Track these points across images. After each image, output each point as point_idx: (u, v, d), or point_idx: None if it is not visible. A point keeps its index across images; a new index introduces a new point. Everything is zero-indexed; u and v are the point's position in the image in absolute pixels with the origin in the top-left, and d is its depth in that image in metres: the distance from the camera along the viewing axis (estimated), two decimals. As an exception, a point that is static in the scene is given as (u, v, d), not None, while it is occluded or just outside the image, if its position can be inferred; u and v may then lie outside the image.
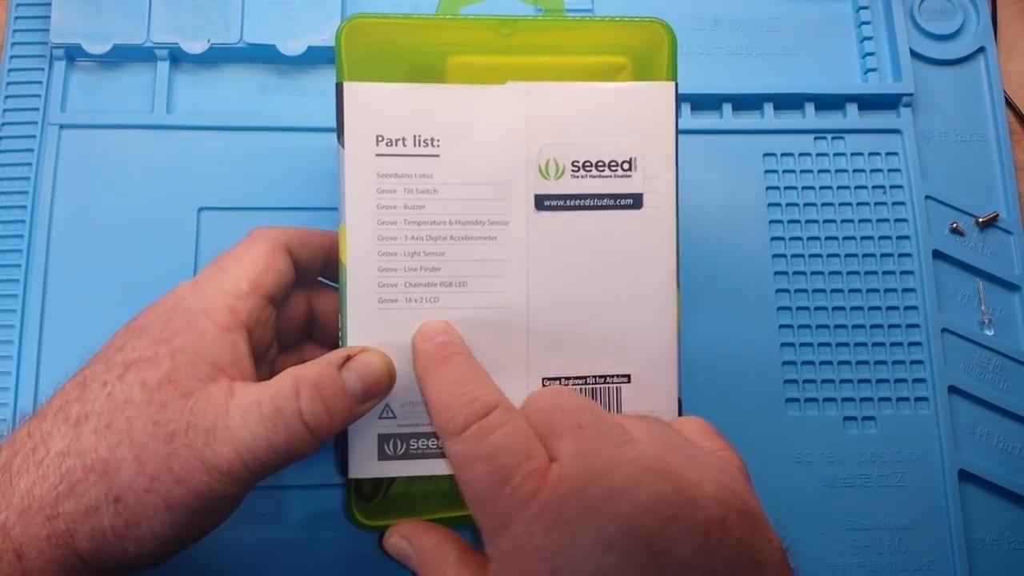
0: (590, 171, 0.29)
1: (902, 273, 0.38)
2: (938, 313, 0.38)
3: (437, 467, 0.29)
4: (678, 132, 0.29)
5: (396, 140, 0.28)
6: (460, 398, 0.24)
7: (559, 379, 0.29)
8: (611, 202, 0.29)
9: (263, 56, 0.39)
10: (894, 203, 0.39)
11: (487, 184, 0.28)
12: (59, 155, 0.38)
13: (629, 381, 0.29)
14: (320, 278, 0.32)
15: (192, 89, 0.39)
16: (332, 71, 0.41)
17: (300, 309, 0.31)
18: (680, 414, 0.30)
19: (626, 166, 0.29)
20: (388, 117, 0.28)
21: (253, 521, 0.34)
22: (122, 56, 0.39)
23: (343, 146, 0.28)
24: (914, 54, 0.41)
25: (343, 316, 0.28)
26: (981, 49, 0.42)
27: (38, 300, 0.36)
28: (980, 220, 0.39)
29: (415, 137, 0.28)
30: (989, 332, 0.38)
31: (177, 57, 0.39)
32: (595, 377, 0.29)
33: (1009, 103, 0.41)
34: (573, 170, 0.29)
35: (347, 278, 0.28)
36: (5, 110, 0.39)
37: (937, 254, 0.39)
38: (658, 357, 0.29)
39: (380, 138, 0.28)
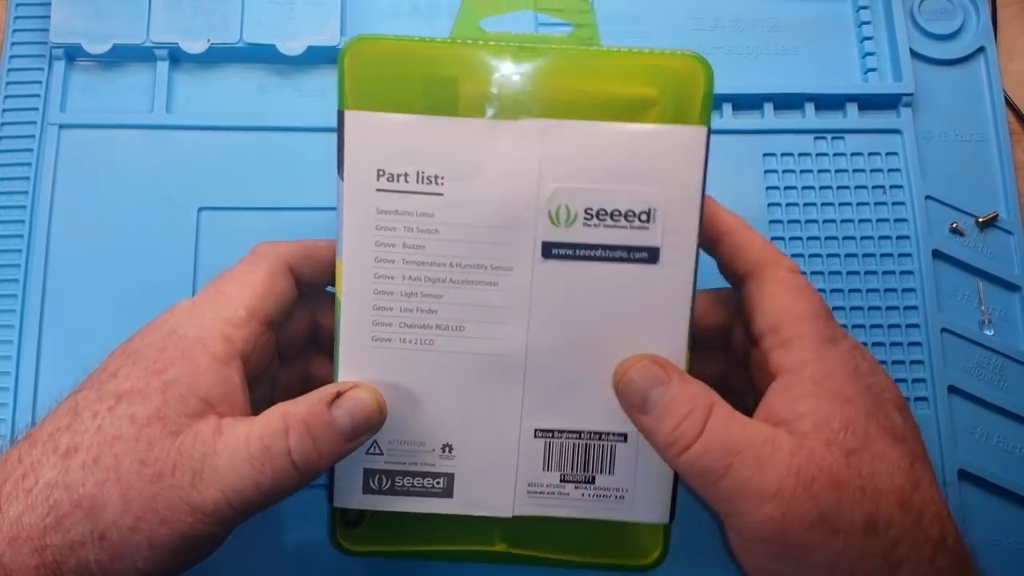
0: (604, 220, 0.27)
1: (902, 273, 0.38)
2: (938, 313, 0.38)
3: (421, 505, 0.28)
4: (706, 182, 0.27)
5: (398, 176, 0.26)
6: None
7: (552, 431, 0.28)
8: (624, 254, 0.27)
9: (263, 56, 0.39)
10: (894, 203, 0.39)
11: (492, 227, 0.27)
12: (59, 155, 0.38)
13: (625, 440, 0.28)
14: (329, 288, 0.31)
15: (192, 89, 0.39)
16: (332, 71, 0.41)
17: (304, 322, 0.31)
18: (676, 484, 0.29)
19: (644, 217, 0.27)
20: (391, 151, 0.26)
21: (252, 521, 0.34)
22: (122, 56, 0.39)
23: (342, 178, 0.26)
24: (914, 54, 0.41)
25: (336, 350, 0.27)
26: (981, 49, 0.42)
27: (37, 300, 0.36)
28: (980, 220, 0.39)
29: (419, 174, 0.26)
30: (989, 332, 0.38)
31: (177, 57, 0.39)
32: (590, 433, 0.28)
33: (1009, 103, 0.41)
34: (586, 218, 0.27)
35: (341, 313, 0.27)
36: (5, 110, 0.39)
37: (937, 254, 0.39)
38: None
39: (381, 172, 0.26)
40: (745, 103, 0.40)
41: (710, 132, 0.27)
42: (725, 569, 0.33)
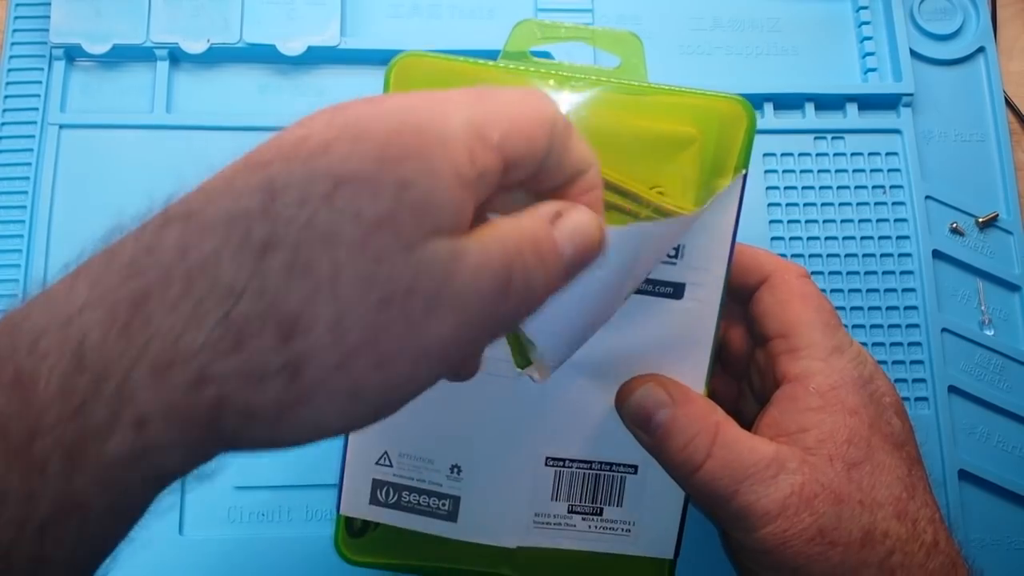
0: None
1: (902, 273, 0.38)
2: (938, 313, 0.38)
3: (424, 525, 0.28)
4: (738, 224, 0.27)
5: None
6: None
7: (564, 460, 0.28)
8: (649, 287, 0.27)
9: (263, 56, 0.39)
10: (894, 203, 0.39)
11: None
12: (59, 155, 0.38)
13: (635, 472, 0.28)
14: None
15: (192, 89, 0.39)
16: (332, 71, 0.41)
17: None
18: (684, 515, 0.28)
19: (672, 252, 0.26)
20: None
21: (253, 521, 0.34)
22: (122, 56, 0.39)
23: None
24: (914, 54, 0.41)
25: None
26: (981, 49, 0.42)
27: (38, 300, 0.36)
28: (980, 220, 0.39)
29: None
30: (989, 332, 0.38)
31: (177, 57, 0.39)
32: (601, 463, 0.28)
33: (1009, 103, 0.41)
34: None
35: None
36: (5, 110, 0.39)
37: (937, 254, 0.39)
38: None
39: None
40: (745, 103, 0.40)
41: (746, 176, 0.27)
42: None
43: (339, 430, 0.19)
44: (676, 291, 0.27)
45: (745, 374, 0.30)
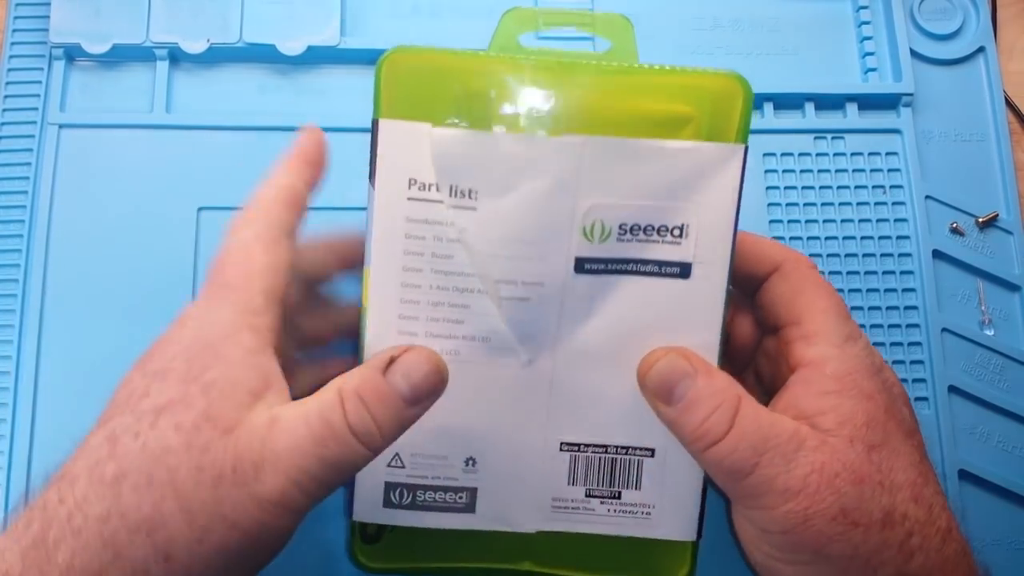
0: (637, 235, 0.26)
1: (902, 273, 0.38)
2: (938, 313, 0.38)
3: (442, 520, 0.28)
4: (741, 199, 0.27)
5: (430, 186, 0.26)
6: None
7: (578, 445, 0.28)
8: (655, 269, 0.27)
9: (263, 56, 0.39)
10: (894, 203, 0.39)
11: (524, 241, 0.26)
12: (58, 155, 0.38)
13: (652, 455, 0.28)
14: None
15: (192, 89, 0.39)
16: (332, 71, 0.41)
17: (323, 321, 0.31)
18: (704, 500, 0.28)
19: (676, 232, 0.26)
20: (424, 161, 0.26)
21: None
22: (121, 56, 0.39)
23: (374, 186, 0.26)
24: (914, 54, 0.41)
25: (360, 357, 0.27)
26: (981, 49, 0.42)
27: (37, 300, 0.36)
28: (980, 220, 0.39)
29: (451, 187, 0.26)
30: (989, 332, 0.38)
31: (177, 57, 0.39)
32: (616, 447, 0.28)
33: (1009, 103, 0.41)
34: (620, 233, 0.26)
35: (367, 321, 0.26)
36: (4, 110, 0.39)
37: (937, 254, 0.39)
38: None
39: (413, 182, 0.26)
40: (745, 103, 0.40)
41: (747, 151, 0.26)
42: None
43: None
44: (683, 271, 0.27)
45: (748, 366, 0.30)
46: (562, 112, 0.26)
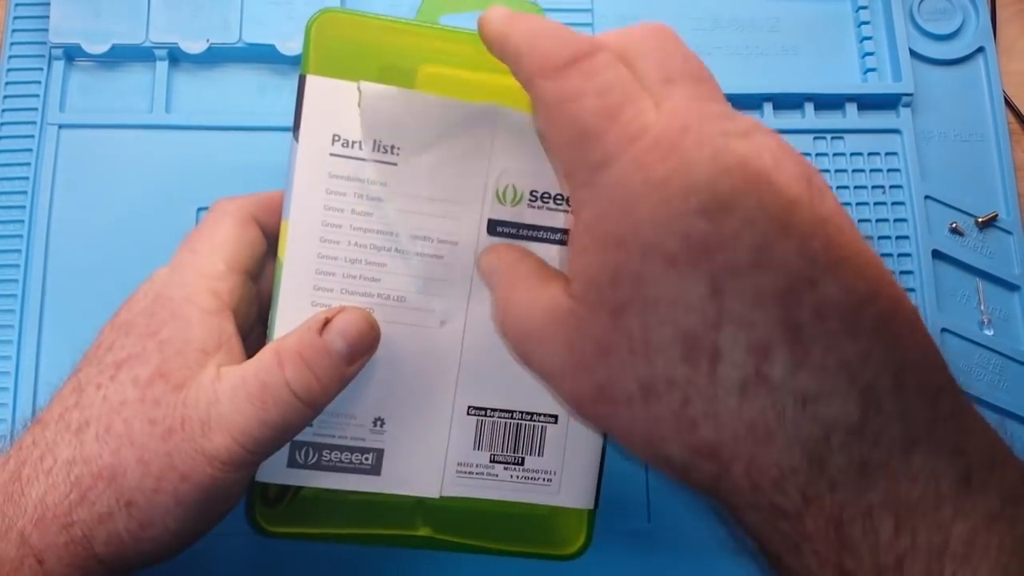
0: (547, 203, 0.28)
1: (902, 273, 0.38)
2: (938, 313, 0.38)
3: (347, 481, 0.28)
4: None
5: (353, 142, 0.27)
6: (566, 37, 0.22)
7: (486, 409, 0.28)
8: (563, 236, 0.28)
9: (262, 56, 0.39)
10: (894, 203, 0.39)
11: (441, 201, 0.27)
12: (58, 155, 0.38)
13: (555, 422, 0.29)
14: None
15: (191, 89, 0.39)
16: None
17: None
18: (602, 465, 0.29)
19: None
20: (348, 117, 0.27)
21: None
22: (121, 56, 0.39)
23: (297, 140, 0.27)
24: (914, 54, 0.41)
25: (272, 313, 0.27)
26: (980, 49, 0.42)
27: (37, 300, 0.36)
28: (980, 220, 0.39)
29: (375, 141, 0.27)
30: (989, 332, 0.38)
31: (176, 57, 0.39)
32: (522, 412, 0.28)
33: (1009, 103, 0.41)
34: (531, 199, 0.28)
35: (282, 275, 0.27)
36: (4, 110, 0.39)
37: (937, 254, 0.39)
38: None
39: (336, 138, 0.27)
40: (745, 103, 0.40)
41: None
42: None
43: (189, 536, 0.25)
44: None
45: None
46: (481, 81, 0.27)
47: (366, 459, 0.28)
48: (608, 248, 0.21)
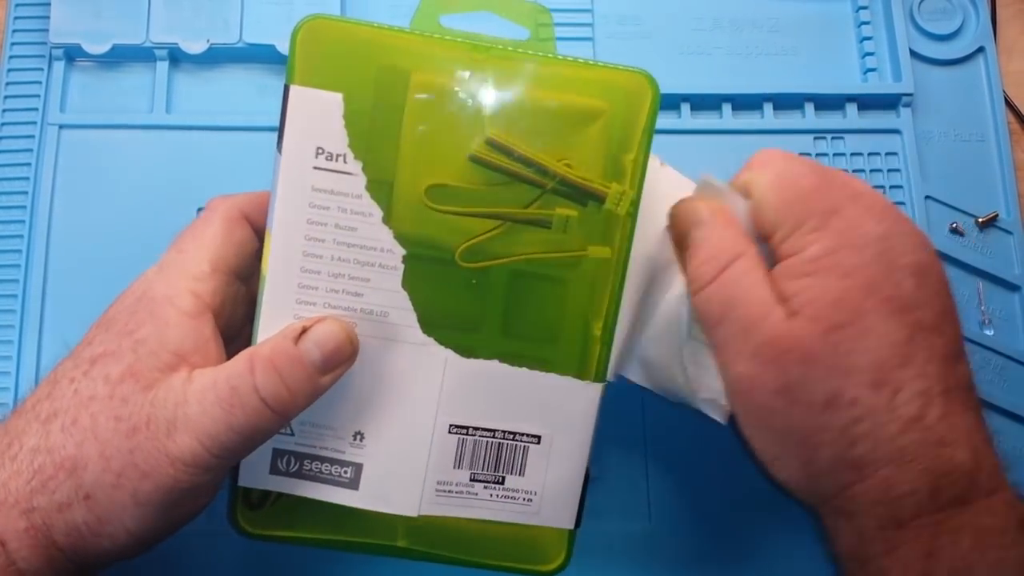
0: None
1: (902, 273, 0.38)
2: (938, 313, 0.38)
3: (325, 493, 0.28)
4: (648, 157, 0.28)
5: (337, 156, 0.26)
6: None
7: (467, 428, 0.28)
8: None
9: (263, 56, 0.39)
10: (894, 203, 0.39)
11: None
12: (58, 155, 0.38)
13: (538, 443, 0.28)
14: None
15: (191, 89, 0.39)
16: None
17: None
18: (586, 485, 0.29)
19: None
20: (333, 130, 0.26)
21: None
22: (121, 56, 0.39)
23: (280, 152, 0.26)
24: (914, 54, 0.41)
25: (255, 323, 0.27)
26: (980, 49, 0.42)
27: (38, 300, 0.36)
28: (980, 220, 0.39)
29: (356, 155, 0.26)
30: (989, 332, 0.38)
31: (176, 57, 0.39)
32: (504, 432, 0.28)
33: (1009, 103, 0.41)
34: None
35: (264, 288, 0.27)
36: (4, 110, 0.39)
37: (937, 254, 0.39)
38: (573, 424, 0.28)
39: (320, 151, 0.26)
40: (745, 103, 0.40)
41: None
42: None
43: (149, 536, 0.25)
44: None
45: None
46: (473, 96, 0.27)
47: (345, 472, 0.28)
48: (834, 278, 0.25)
